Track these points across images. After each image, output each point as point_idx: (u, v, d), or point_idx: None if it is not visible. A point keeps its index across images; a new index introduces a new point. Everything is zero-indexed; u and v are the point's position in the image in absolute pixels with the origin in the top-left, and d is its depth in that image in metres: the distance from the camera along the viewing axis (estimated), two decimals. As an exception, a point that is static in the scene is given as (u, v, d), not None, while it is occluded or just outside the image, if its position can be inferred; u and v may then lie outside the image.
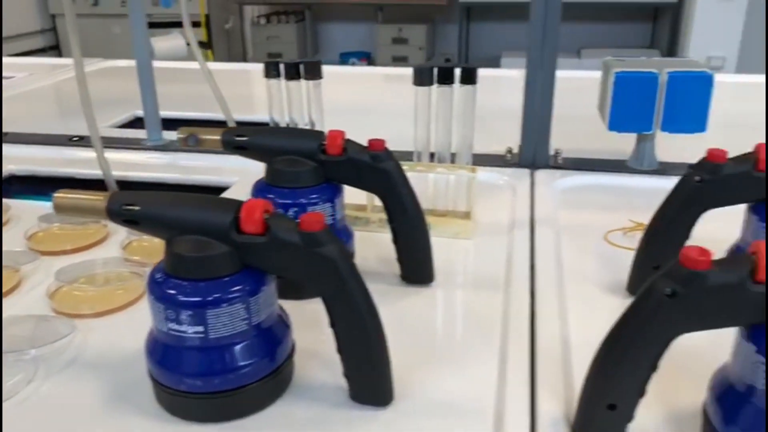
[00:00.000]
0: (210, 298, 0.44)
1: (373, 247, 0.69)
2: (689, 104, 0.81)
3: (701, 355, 0.44)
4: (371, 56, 3.95)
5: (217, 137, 0.61)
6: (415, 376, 0.50)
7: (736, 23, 3.15)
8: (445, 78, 0.70)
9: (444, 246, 0.71)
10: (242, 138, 0.60)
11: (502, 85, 1.61)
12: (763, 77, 1.56)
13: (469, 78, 0.71)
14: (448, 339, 0.57)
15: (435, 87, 0.71)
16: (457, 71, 0.70)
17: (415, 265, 0.63)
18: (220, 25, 3.94)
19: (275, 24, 3.94)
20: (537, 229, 0.74)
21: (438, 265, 0.65)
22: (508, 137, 0.95)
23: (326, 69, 0.74)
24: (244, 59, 4.01)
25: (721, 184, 0.55)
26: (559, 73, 1.36)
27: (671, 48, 3.45)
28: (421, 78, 0.70)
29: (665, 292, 0.38)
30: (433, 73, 0.70)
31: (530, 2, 0.83)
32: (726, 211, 0.56)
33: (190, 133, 0.62)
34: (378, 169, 0.58)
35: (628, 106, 0.83)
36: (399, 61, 3.70)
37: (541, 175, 0.90)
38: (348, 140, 0.59)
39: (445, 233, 0.73)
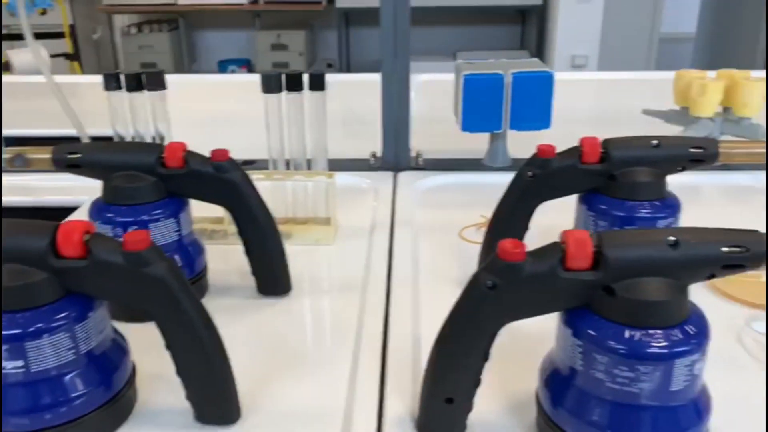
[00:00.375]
0: (29, 330, 0.41)
1: (231, 261, 0.68)
2: (533, 103, 0.85)
3: (540, 341, 0.47)
4: (251, 63, 3.89)
5: (48, 156, 0.57)
6: (267, 389, 0.50)
7: (594, 23, 3.37)
8: (294, 85, 0.70)
9: (305, 254, 0.71)
10: (74, 155, 0.57)
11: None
12: (621, 74, 1.68)
13: (317, 84, 0.71)
14: (303, 348, 0.57)
15: (284, 94, 0.70)
16: (305, 77, 0.70)
17: (271, 277, 0.62)
18: (88, 35, 3.74)
19: (147, 33, 3.79)
20: (396, 230, 0.76)
21: (298, 273, 0.65)
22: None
23: (203, 78, 0.73)
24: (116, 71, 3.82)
25: (551, 178, 0.58)
26: (435, 76, 1.40)
27: (539, 48, 3.65)
28: (269, 85, 0.69)
29: (486, 285, 0.40)
30: (281, 80, 0.70)
31: (380, 9, 0.85)
32: (570, 201, 0.60)
33: (17, 153, 0.58)
34: (222, 180, 0.57)
35: (478, 106, 0.86)
36: (280, 67, 3.66)
37: (404, 177, 0.92)
38: (189, 152, 0.58)
39: (306, 240, 0.73)
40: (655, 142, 0.57)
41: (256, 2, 3.74)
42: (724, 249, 0.39)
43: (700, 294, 0.61)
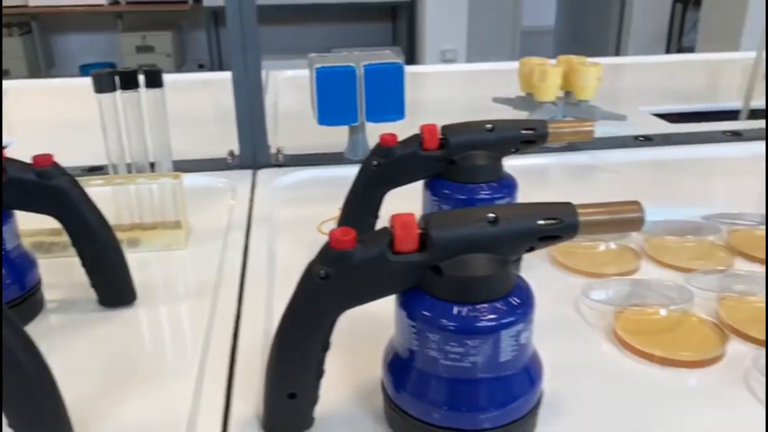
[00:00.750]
0: None
1: (72, 274, 0.63)
2: (386, 94, 0.86)
3: (388, 326, 0.47)
4: (115, 67, 3.69)
5: None
6: (107, 406, 0.47)
7: (461, 18, 3.49)
8: (128, 83, 0.66)
9: (155, 260, 0.68)
10: None
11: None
12: (483, 65, 1.75)
13: (154, 81, 0.68)
14: (147, 359, 0.54)
15: (119, 93, 0.66)
16: (141, 75, 0.67)
17: (112, 287, 0.58)
18: (-76, 42, 3.39)
19: (-5, 37, 3.49)
20: (253, 229, 0.74)
21: (147, 280, 0.62)
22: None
23: (62, 82, 0.68)
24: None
25: (394, 166, 0.59)
26: (300, 72, 1.38)
27: (410, 44, 3.72)
28: (101, 85, 0.65)
29: (319, 275, 0.40)
30: (115, 79, 0.66)
31: (225, 6, 0.83)
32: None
33: None
34: (47, 187, 0.53)
35: (332, 100, 0.86)
36: (147, 70, 3.50)
37: (263, 174, 0.90)
38: (7, 159, 0.53)
39: (156, 246, 0.70)
40: (489, 126, 0.59)
41: (117, 3, 3.56)
42: (540, 222, 0.41)
43: (541, 267, 0.65)
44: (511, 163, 0.94)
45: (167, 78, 0.71)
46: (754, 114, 1.13)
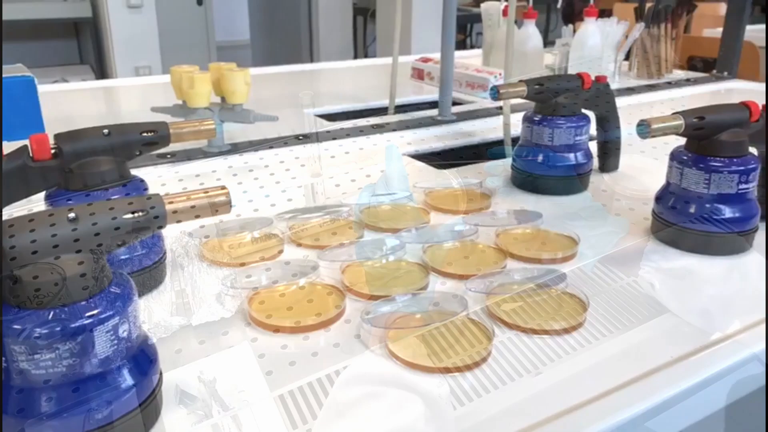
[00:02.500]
0: None
1: None
2: (17, 110, 0.80)
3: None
4: None
5: None
6: None
7: (151, 33, 3.37)
8: None
9: None
10: None
11: None
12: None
13: None
14: None
15: None
16: None
17: None
18: None
19: None
20: None
21: None
22: None
23: None
24: None
25: (6, 180, 0.55)
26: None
27: (100, 62, 3.49)
28: None
29: None
30: None
31: None
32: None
33: None
34: None
35: (-50, 120, 0.77)
36: None
37: None
38: None
39: None
40: (106, 131, 0.58)
41: None
42: (126, 216, 0.42)
43: (191, 265, 0.66)
44: (179, 168, 0.95)
45: None
46: (398, 109, 1.30)
